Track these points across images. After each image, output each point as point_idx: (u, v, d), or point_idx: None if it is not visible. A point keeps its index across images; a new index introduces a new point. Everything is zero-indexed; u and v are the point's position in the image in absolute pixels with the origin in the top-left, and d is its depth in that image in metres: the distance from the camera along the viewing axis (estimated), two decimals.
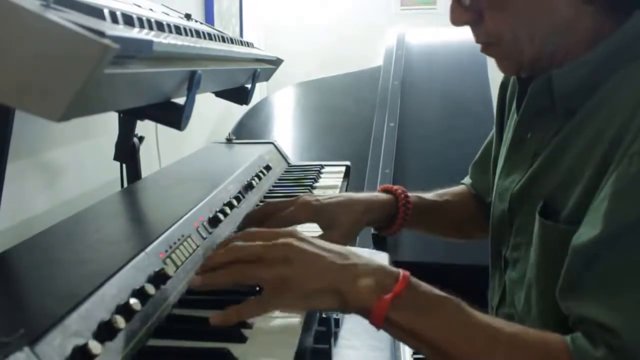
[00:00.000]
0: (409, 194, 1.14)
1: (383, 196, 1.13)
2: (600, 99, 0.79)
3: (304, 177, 1.52)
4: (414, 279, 0.75)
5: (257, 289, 0.80)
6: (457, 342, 0.72)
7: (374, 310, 0.72)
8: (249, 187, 1.26)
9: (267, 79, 1.52)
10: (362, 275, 0.74)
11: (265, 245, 0.77)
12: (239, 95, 1.30)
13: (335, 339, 1.18)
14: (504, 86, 1.09)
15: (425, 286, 0.75)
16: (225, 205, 1.08)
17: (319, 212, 1.03)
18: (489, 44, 0.86)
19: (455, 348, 0.71)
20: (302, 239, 0.78)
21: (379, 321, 0.73)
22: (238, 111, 2.66)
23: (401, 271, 0.75)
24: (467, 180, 1.26)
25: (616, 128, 0.73)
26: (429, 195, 1.19)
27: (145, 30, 0.66)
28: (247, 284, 0.79)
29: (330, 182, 1.51)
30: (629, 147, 0.70)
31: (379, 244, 1.78)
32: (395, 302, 0.72)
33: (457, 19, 0.84)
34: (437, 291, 0.75)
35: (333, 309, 0.79)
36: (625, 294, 0.68)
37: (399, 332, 0.74)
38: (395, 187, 1.15)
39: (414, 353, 1.34)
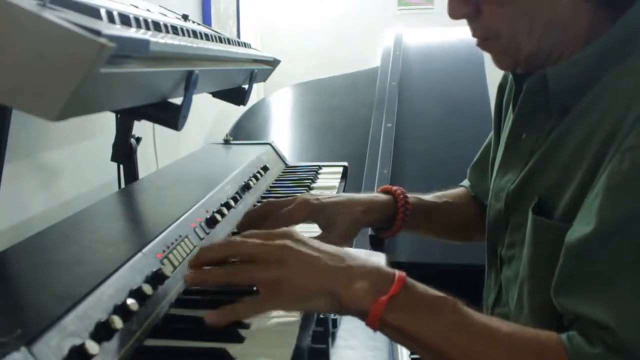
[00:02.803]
0: (409, 195, 1.14)
1: (382, 197, 1.13)
2: (594, 96, 0.79)
3: (302, 177, 1.52)
4: (410, 280, 0.75)
5: (255, 288, 0.80)
6: (453, 343, 0.71)
7: (370, 312, 0.72)
8: (246, 187, 1.26)
9: (264, 79, 1.52)
10: (357, 277, 0.74)
11: (261, 245, 0.77)
12: (236, 95, 1.30)
13: (333, 339, 1.18)
14: (501, 88, 1.09)
15: (421, 287, 0.75)
16: (222, 205, 1.08)
17: (318, 211, 1.03)
18: (486, 38, 0.85)
19: (452, 349, 0.71)
20: (298, 240, 0.78)
21: (375, 323, 0.73)
22: (235, 112, 2.66)
23: (397, 272, 0.75)
24: (466, 182, 1.26)
25: (610, 125, 0.73)
26: (429, 197, 1.19)
27: (142, 30, 0.66)
28: (241, 284, 0.78)
29: (328, 183, 1.51)
30: (622, 143, 0.70)
31: (376, 244, 1.78)
32: (391, 303, 0.72)
33: (454, 12, 0.84)
34: (433, 291, 0.75)
35: (328, 312, 0.79)
36: (618, 290, 0.68)
37: (396, 334, 0.73)
38: (395, 188, 1.14)
39: (412, 353, 1.34)
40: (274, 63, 1.49)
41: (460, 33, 2.74)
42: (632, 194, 0.68)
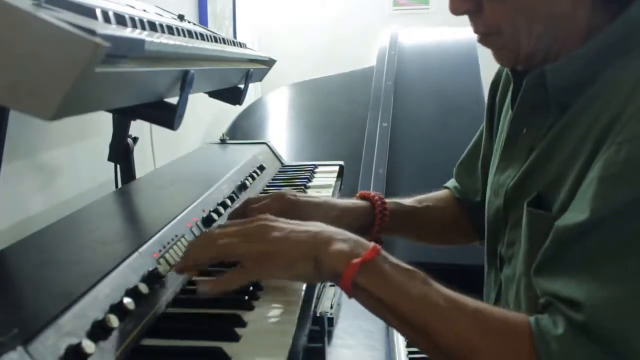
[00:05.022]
0: (388, 200, 1.13)
1: (360, 204, 1.12)
2: (593, 93, 0.79)
3: (298, 177, 1.53)
4: (385, 252, 0.78)
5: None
6: (421, 312, 0.74)
7: (344, 274, 0.75)
8: (242, 187, 1.26)
9: (260, 79, 1.52)
10: (336, 242, 0.78)
11: (241, 228, 0.82)
12: (233, 95, 1.30)
13: (330, 338, 1.18)
14: (495, 84, 1.09)
15: (394, 259, 0.78)
16: (219, 205, 1.08)
17: (292, 207, 1.02)
18: (487, 34, 0.86)
19: (420, 318, 0.73)
20: (275, 220, 0.83)
21: (348, 285, 0.75)
22: (232, 112, 2.66)
23: (374, 243, 0.78)
24: (451, 183, 1.25)
25: (607, 119, 0.74)
26: (409, 202, 1.18)
27: (138, 30, 0.66)
28: (229, 260, 0.81)
29: (324, 182, 1.51)
30: (618, 135, 0.70)
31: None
32: (364, 267, 0.75)
33: (456, 8, 0.84)
34: (405, 264, 0.78)
35: (311, 277, 0.81)
36: (598, 273, 0.69)
37: (368, 299, 0.76)
38: (373, 194, 1.14)
39: (409, 353, 1.34)
40: (270, 63, 1.49)
41: (456, 33, 2.74)
42: (627, 185, 0.68)
